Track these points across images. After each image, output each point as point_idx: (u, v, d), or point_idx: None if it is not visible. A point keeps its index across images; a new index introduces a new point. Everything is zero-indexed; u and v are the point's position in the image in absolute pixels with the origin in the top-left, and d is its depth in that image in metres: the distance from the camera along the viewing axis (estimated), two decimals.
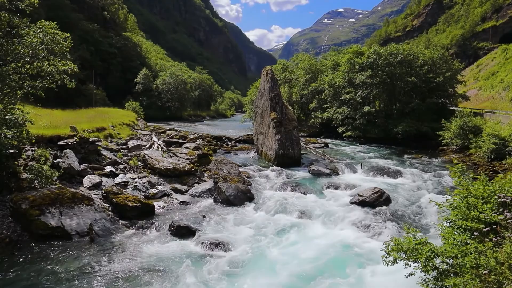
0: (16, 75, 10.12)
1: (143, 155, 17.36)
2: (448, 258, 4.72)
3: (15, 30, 10.15)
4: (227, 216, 12.03)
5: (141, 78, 72.83)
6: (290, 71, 52.37)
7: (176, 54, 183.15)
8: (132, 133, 26.68)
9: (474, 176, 6.11)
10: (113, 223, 10.58)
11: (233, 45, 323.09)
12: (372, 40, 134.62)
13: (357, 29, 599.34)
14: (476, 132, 25.06)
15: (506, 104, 38.54)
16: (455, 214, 5.36)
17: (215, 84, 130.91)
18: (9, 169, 10.87)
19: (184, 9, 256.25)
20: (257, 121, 25.32)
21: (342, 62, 41.67)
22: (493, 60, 64.53)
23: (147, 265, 8.46)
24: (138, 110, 49.02)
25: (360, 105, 36.76)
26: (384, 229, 10.94)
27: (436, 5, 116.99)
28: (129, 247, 9.42)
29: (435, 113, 33.65)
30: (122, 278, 7.82)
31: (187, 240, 10.00)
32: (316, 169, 19.05)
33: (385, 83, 35.95)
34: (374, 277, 8.07)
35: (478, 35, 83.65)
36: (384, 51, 36.83)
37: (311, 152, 25.38)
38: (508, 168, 19.16)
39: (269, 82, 23.08)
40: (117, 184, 13.91)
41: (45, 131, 14.96)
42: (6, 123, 9.91)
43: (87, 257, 8.69)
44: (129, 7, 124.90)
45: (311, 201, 13.91)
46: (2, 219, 9.63)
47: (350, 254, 9.44)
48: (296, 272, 8.36)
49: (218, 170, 17.16)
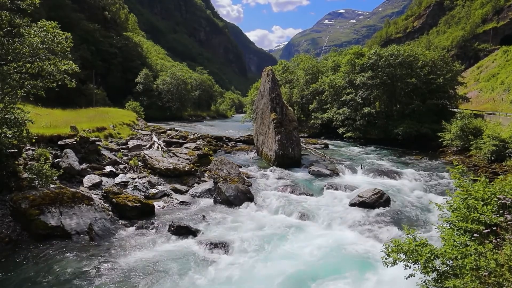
0: (17, 74, 10.11)
1: (143, 155, 17.36)
2: (448, 259, 4.72)
3: (16, 29, 10.14)
4: (227, 217, 12.02)
5: (141, 78, 72.89)
6: (290, 71, 52.41)
7: (177, 54, 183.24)
8: (133, 133, 26.69)
9: (474, 177, 6.10)
10: (113, 223, 10.58)
11: (233, 45, 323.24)
12: (373, 41, 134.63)
13: (357, 30, 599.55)
14: (476, 134, 25.05)
15: (507, 105, 38.54)
16: (455, 216, 5.35)
17: (215, 85, 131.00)
18: (9, 169, 10.86)
19: (184, 9, 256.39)
20: (257, 121, 25.33)
21: (343, 63, 41.71)
22: (494, 61, 64.52)
23: (147, 265, 8.45)
24: (139, 110, 49.07)
25: (361, 106, 36.76)
26: (384, 230, 10.93)
27: (437, 6, 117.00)
28: (129, 247, 9.41)
29: (435, 114, 33.66)
30: (121, 278, 7.81)
31: (187, 240, 9.98)
32: (316, 170, 19.04)
33: (386, 84, 35.96)
34: (374, 278, 8.06)
35: (479, 36, 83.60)
36: (385, 52, 36.86)
37: (311, 153, 25.37)
38: (508, 169, 19.15)
39: (270, 83, 23.08)
40: (117, 184, 13.90)
41: (46, 131, 14.95)
42: (6, 122, 9.91)
43: (86, 257, 8.69)
44: (130, 7, 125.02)
45: (311, 202, 13.90)
46: (2, 218, 9.62)
47: (350, 255, 9.43)
48: (296, 273, 8.35)
49: (218, 171, 17.16)
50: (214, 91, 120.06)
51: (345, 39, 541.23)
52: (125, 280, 7.74)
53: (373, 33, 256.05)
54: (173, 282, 7.79)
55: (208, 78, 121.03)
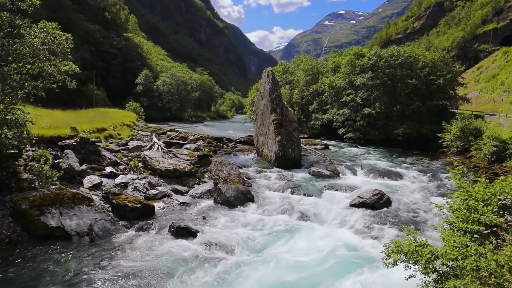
0: (17, 75, 10.13)
1: (144, 156, 17.36)
2: (449, 260, 4.71)
3: (17, 30, 10.16)
4: (227, 218, 12.01)
5: (141, 79, 72.96)
6: (290, 72, 52.46)
7: (177, 55, 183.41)
8: (133, 133, 26.69)
9: (474, 178, 6.09)
10: (113, 224, 10.57)
11: (233, 46, 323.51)
12: (373, 42, 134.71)
13: (358, 31, 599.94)
14: (476, 135, 25.06)
15: (507, 106, 38.53)
16: (456, 216, 5.35)
17: (215, 85, 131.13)
18: (10, 169, 10.86)
19: (185, 10, 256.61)
20: (257, 122, 25.33)
21: (343, 64, 41.75)
22: (494, 62, 64.54)
23: (147, 266, 8.44)
24: (139, 110, 49.02)
25: (361, 107, 36.78)
26: (384, 231, 10.93)
27: (437, 7, 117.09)
28: (129, 248, 9.41)
29: (435, 115, 33.68)
30: (121, 278, 7.80)
31: (187, 241, 9.98)
32: (316, 170, 19.04)
33: (386, 85, 35.98)
34: (374, 279, 8.05)
35: (479, 37, 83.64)
36: (385, 53, 36.89)
37: (312, 154, 25.37)
38: (508, 170, 19.15)
39: (270, 84, 23.09)
40: (117, 184, 13.90)
41: (46, 132, 14.95)
42: (7, 123, 9.91)
43: (86, 257, 8.68)
44: (130, 8, 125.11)
45: (311, 203, 13.90)
46: (2, 219, 9.62)
47: (350, 256, 9.42)
48: (296, 274, 8.34)
49: (218, 171, 17.16)
50: (214, 92, 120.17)
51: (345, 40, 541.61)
52: (125, 281, 7.73)
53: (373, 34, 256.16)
54: (173, 283, 7.78)
55: (208, 79, 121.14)
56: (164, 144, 23.05)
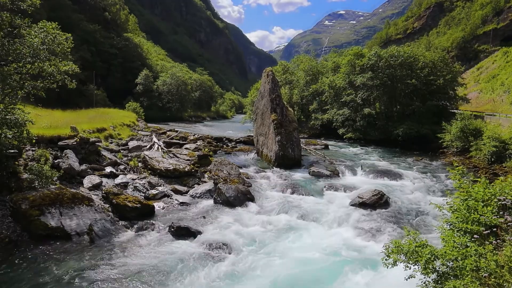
0: (17, 75, 10.13)
1: (144, 156, 17.36)
2: (448, 260, 4.71)
3: (17, 30, 10.16)
4: (227, 217, 12.02)
5: (141, 79, 72.91)
6: (290, 72, 52.44)
7: (177, 55, 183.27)
8: (133, 133, 26.69)
9: (474, 178, 6.09)
10: (113, 224, 10.57)
11: (233, 46, 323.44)
12: (373, 42, 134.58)
13: (358, 31, 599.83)
14: (476, 135, 25.05)
15: (507, 107, 38.55)
16: (455, 217, 5.35)
17: (215, 85, 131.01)
18: (9, 169, 10.87)
19: (185, 10, 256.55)
20: (257, 122, 25.33)
21: (343, 64, 41.74)
22: (494, 63, 64.55)
23: (147, 266, 8.44)
24: (139, 110, 48.99)
25: (361, 107, 36.79)
26: (384, 231, 10.94)
27: (437, 7, 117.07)
28: (129, 248, 9.41)
29: (435, 115, 33.66)
30: (121, 278, 7.80)
31: (187, 241, 9.98)
32: (316, 170, 19.04)
33: (386, 85, 35.98)
34: (373, 279, 8.05)
35: (479, 37, 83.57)
36: (385, 53, 36.88)
37: (311, 154, 25.37)
38: (508, 171, 19.15)
39: (270, 84, 23.10)
40: (117, 184, 13.90)
41: (46, 131, 14.95)
42: (6, 123, 9.91)
43: (86, 257, 8.68)
44: (130, 8, 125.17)
45: (311, 203, 13.90)
46: (2, 219, 9.62)
47: (350, 256, 9.42)
48: (296, 274, 8.35)
49: (218, 171, 17.16)
50: (214, 92, 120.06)
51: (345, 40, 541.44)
52: (126, 280, 7.73)
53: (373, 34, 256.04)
54: (173, 283, 7.78)
55: (208, 79, 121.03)
56: (164, 144, 23.04)
